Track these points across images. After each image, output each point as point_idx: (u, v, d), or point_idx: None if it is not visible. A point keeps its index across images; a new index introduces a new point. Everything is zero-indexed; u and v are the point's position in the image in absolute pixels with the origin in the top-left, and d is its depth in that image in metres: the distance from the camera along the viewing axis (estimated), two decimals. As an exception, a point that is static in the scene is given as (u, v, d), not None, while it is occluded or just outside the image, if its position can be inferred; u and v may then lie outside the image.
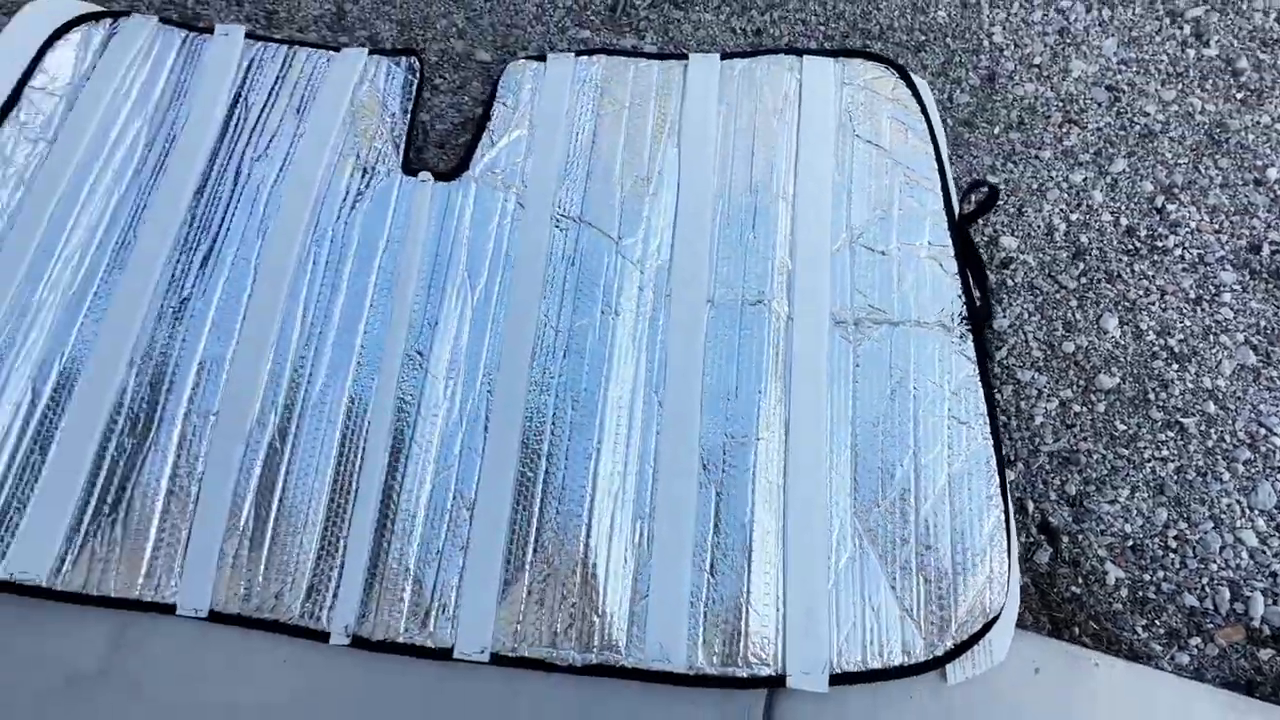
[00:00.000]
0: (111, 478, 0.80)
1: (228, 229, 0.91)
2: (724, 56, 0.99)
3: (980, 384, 0.82)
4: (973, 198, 0.87)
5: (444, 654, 0.75)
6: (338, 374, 0.84)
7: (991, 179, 0.95)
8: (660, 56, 1.00)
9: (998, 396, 0.88)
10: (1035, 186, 0.96)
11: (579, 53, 1.00)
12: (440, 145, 0.99)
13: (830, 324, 0.86)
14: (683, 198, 0.92)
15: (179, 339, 0.85)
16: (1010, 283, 0.92)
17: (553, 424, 0.82)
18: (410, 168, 0.94)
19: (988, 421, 0.81)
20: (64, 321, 0.86)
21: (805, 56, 0.98)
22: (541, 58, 1.00)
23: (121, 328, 0.85)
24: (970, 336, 0.84)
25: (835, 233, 0.90)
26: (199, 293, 0.87)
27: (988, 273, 0.82)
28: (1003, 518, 0.78)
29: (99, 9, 1.02)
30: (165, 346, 0.85)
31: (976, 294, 0.86)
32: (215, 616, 0.76)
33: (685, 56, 0.99)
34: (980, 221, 0.93)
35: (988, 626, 0.74)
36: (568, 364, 0.85)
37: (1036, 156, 0.97)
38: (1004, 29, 1.01)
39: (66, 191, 0.91)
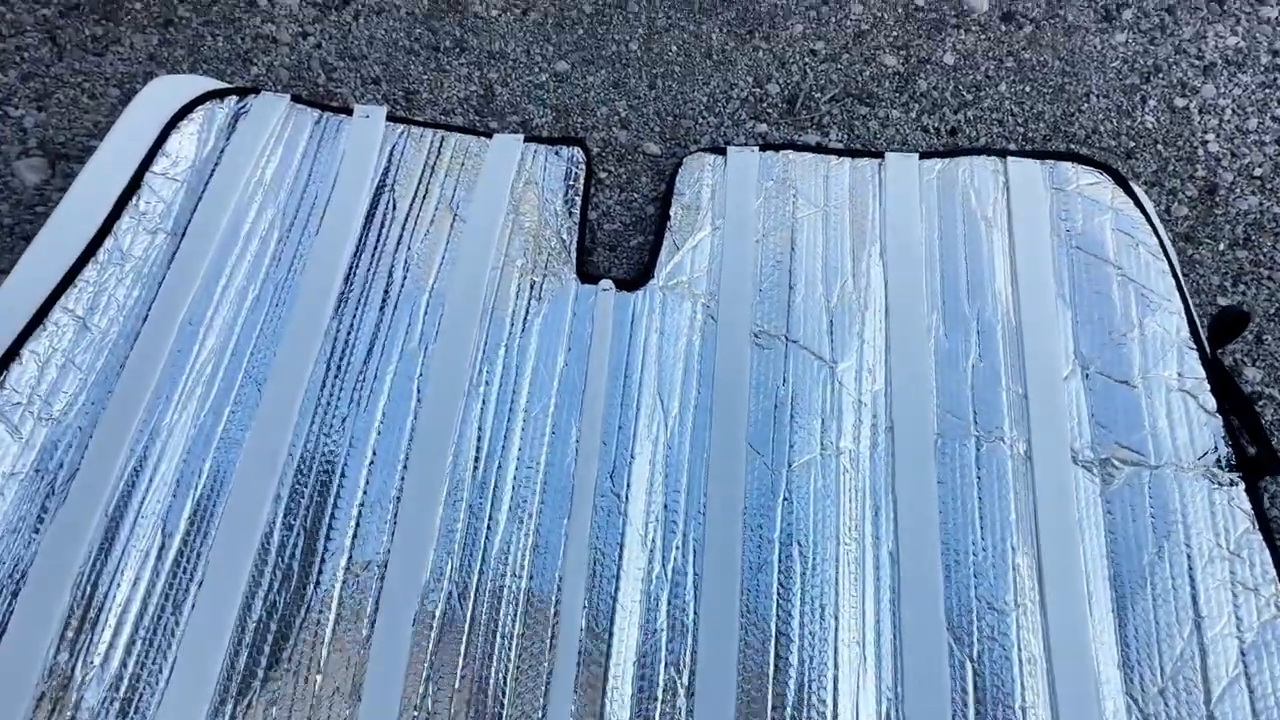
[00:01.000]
0: (261, 645, 0.67)
1: (384, 342, 0.79)
2: (921, 156, 0.90)
3: (1264, 542, 0.72)
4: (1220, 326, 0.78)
5: None
6: (522, 519, 0.72)
7: (1223, 301, 0.87)
8: (851, 153, 0.91)
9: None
10: (1272, 311, 0.87)
11: (763, 147, 0.90)
12: (611, 248, 0.88)
13: (1070, 462, 0.76)
14: (893, 314, 0.82)
15: (336, 473, 0.73)
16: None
17: (780, 585, 0.71)
18: (586, 274, 0.84)
19: (1280, 588, 0.71)
20: (197, 448, 0.73)
21: (1009, 158, 0.90)
22: (720, 151, 0.90)
23: (264, 455, 0.73)
24: (1241, 485, 0.74)
25: (1065, 357, 0.80)
26: (354, 416, 0.75)
27: (1256, 412, 0.72)
28: (1314, 706, 0.67)
29: (224, 86, 0.91)
30: (318, 482, 0.73)
31: (1237, 429, 0.76)
32: (388, 819, 0.63)
33: (879, 155, 0.90)
34: (1219, 350, 0.83)
35: (1307, 839, 0.63)
36: (788, 511, 0.73)
37: (1270, 278, 0.88)
38: (1218, 137, 0.93)
39: (198, 295, 0.80)
